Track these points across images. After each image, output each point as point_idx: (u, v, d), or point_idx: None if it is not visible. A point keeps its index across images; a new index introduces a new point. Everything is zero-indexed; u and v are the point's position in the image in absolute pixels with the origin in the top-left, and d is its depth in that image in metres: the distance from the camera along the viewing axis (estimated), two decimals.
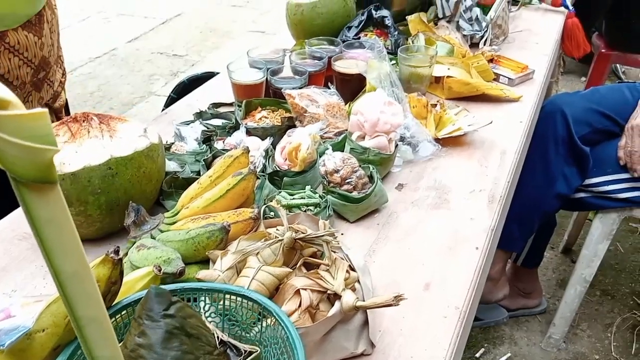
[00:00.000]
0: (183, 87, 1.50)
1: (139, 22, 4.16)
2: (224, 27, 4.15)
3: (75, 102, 3.01)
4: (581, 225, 1.90)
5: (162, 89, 3.22)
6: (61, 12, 3.92)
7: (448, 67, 1.21)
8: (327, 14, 1.33)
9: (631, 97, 1.35)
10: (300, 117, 1.00)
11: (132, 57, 3.61)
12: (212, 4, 4.60)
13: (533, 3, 1.68)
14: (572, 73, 3.21)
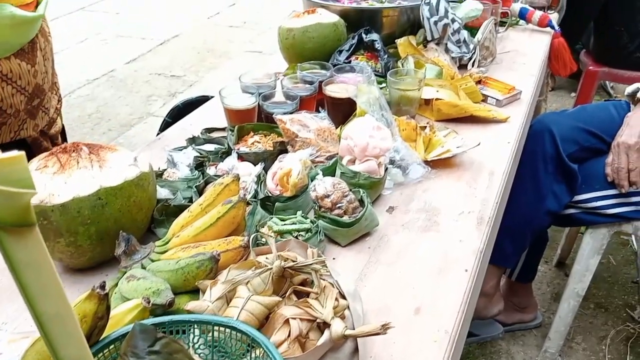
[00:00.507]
0: (178, 111, 1.52)
1: (136, 44, 4.21)
2: (221, 47, 4.21)
3: (73, 124, 3.03)
4: (573, 239, 1.92)
5: (160, 109, 3.25)
6: (59, 35, 3.99)
7: (437, 90, 1.23)
8: (318, 38, 1.36)
9: (617, 114, 1.38)
10: (292, 141, 1.01)
11: (130, 78, 3.65)
12: (209, 25, 4.66)
13: (520, 24, 1.72)
14: (562, 89, 3.25)
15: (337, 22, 1.38)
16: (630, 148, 1.29)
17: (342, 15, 1.42)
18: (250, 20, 4.73)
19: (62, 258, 0.72)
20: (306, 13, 1.41)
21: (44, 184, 0.68)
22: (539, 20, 1.66)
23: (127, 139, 2.92)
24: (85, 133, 2.95)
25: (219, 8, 5.03)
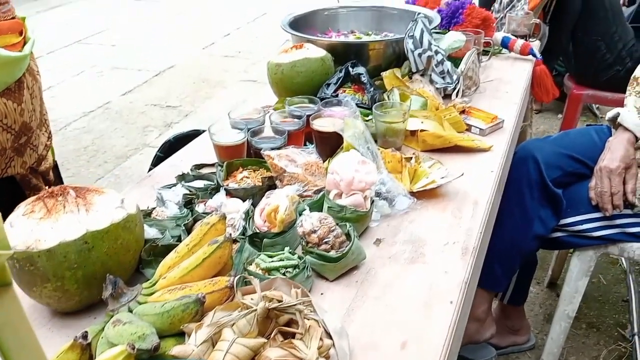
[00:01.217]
0: (169, 146, 1.54)
1: (132, 75, 4.28)
2: (216, 77, 4.27)
3: (69, 157, 3.06)
4: (563, 259, 1.95)
5: (155, 140, 3.28)
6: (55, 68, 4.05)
7: (422, 121, 1.26)
8: (306, 73, 1.40)
9: (598, 139, 1.42)
10: (280, 176, 1.04)
11: (126, 109, 3.69)
12: (204, 55, 4.74)
13: (503, 52, 1.76)
14: (549, 111, 3.31)
15: (324, 57, 1.42)
16: (612, 172, 1.32)
17: (330, 49, 1.46)
18: (244, 49, 4.82)
19: (49, 302, 0.74)
20: (294, 48, 1.45)
21: (30, 230, 0.70)
22: (521, 48, 1.71)
23: (123, 171, 2.95)
24: (81, 166, 2.98)
25: (214, 38, 5.13)
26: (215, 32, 5.29)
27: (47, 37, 5.07)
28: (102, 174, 2.91)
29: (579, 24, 2.15)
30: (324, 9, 1.79)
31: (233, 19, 5.66)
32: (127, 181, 2.83)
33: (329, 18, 1.80)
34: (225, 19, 5.70)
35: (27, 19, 1.31)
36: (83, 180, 2.84)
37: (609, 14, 2.11)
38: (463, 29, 1.70)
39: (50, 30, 5.34)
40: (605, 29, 2.12)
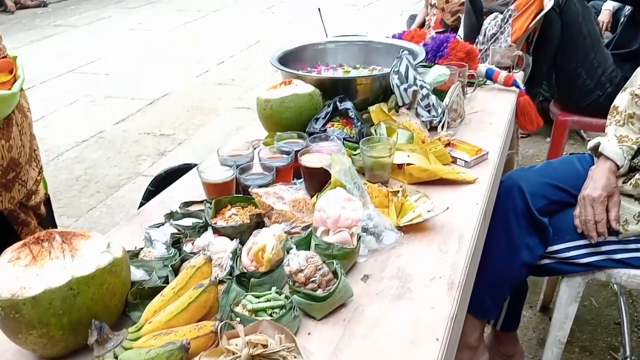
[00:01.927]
0: (160, 180, 1.56)
1: (126, 104, 4.31)
2: (210, 104, 4.32)
3: (61, 188, 3.07)
4: (555, 283, 1.97)
5: (149, 169, 3.30)
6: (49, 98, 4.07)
7: (408, 154, 1.28)
8: (295, 108, 1.42)
9: (581, 168, 1.46)
10: (269, 214, 1.05)
11: (119, 138, 3.71)
12: (198, 83, 4.79)
13: (487, 83, 1.81)
14: (538, 134, 3.36)
15: (312, 92, 1.45)
16: (595, 200, 1.35)
17: (318, 84, 1.50)
18: (238, 77, 4.88)
19: (35, 349, 0.74)
20: (283, 84, 1.48)
21: (16, 277, 0.71)
22: (505, 80, 1.75)
23: (115, 200, 2.95)
24: (73, 196, 2.98)
25: (208, 66, 5.19)
26: (209, 60, 5.36)
27: (41, 66, 5.12)
28: (94, 204, 2.91)
29: (559, 51, 2.21)
30: (313, 44, 1.84)
31: (227, 47, 5.74)
32: (119, 211, 2.83)
33: (318, 52, 1.84)
34: (219, 47, 5.78)
35: (18, 58, 1.33)
36: (74, 211, 2.85)
37: (587, 41, 2.17)
38: (448, 62, 1.74)
39: (44, 60, 5.39)
40: (584, 56, 2.18)
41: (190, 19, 7.00)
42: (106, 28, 6.59)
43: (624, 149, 1.43)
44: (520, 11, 2.09)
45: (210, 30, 6.46)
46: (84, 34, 6.30)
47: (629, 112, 1.50)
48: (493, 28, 2.08)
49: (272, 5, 7.64)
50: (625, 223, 1.38)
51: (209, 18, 7.04)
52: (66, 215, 2.82)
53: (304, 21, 6.32)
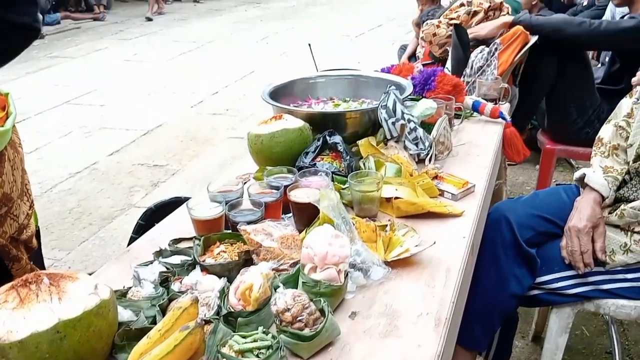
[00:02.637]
0: (151, 214, 1.57)
1: (120, 135, 4.34)
2: (204, 135, 4.35)
3: (53, 220, 3.06)
4: (546, 313, 1.96)
5: (142, 200, 3.30)
6: (43, 130, 4.08)
7: (396, 188, 1.30)
8: (285, 142, 1.45)
9: (567, 199, 1.48)
10: (257, 250, 1.06)
11: (113, 170, 3.72)
12: (192, 113, 4.84)
13: (474, 116, 1.84)
14: (528, 162, 3.39)
15: (302, 127, 1.47)
16: (580, 231, 1.37)
17: (308, 119, 1.52)
18: (232, 107, 4.93)
19: None
20: (274, 119, 1.51)
21: (2, 321, 0.71)
22: (491, 112, 1.79)
23: (107, 232, 2.95)
24: (66, 229, 2.97)
25: (202, 97, 5.25)
26: (203, 90, 5.42)
27: (37, 98, 5.16)
28: (86, 237, 2.90)
29: (554, 90, 2.26)
30: (304, 78, 1.88)
31: (221, 77, 5.82)
32: (112, 243, 2.82)
33: (309, 86, 1.87)
34: (214, 77, 5.86)
35: (10, 94, 1.35)
36: (67, 244, 2.83)
37: (584, 84, 2.24)
38: (435, 94, 1.78)
39: (39, 91, 5.44)
40: (578, 97, 2.25)
41: (185, 50, 7.10)
42: (102, 59, 6.67)
43: (609, 180, 1.45)
44: (506, 45, 2.15)
45: (205, 61, 6.55)
46: (80, 66, 6.37)
47: (614, 143, 1.53)
48: (480, 61, 2.13)
49: (266, 37, 7.78)
50: (612, 253, 1.39)
51: (203, 49, 7.15)
52: (58, 249, 2.81)
53: (298, 52, 6.43)
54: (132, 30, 8.39)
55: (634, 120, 1.50)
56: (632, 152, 1.47)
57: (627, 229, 1.40)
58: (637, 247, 1.38)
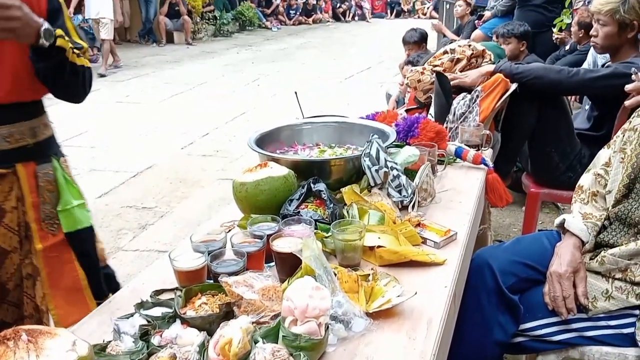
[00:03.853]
0: None
1: (109, 177, 4.34)
2: (193, 176, 4.36)
3: None
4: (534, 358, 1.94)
5: (129, 243, 3.28)
6: None
7: (379, 236, 1.32)
8: (269, 190, 1.46)
9: (549, 245, 1.51)
10: (238, 303, 1.06)
11: (101, 212, 3.70)
12: (182, 155, 4.87)
13: (457, 161, 1.88)
14: (514, 204, 3.42)
15: (287, 175, 1.50)
16: (562, 277, 1.39)
17: (293, 166, 1.55)
18: (222, 149, 4.97)
19: None
20: (259, 167, 1.53)
21: None
22: (473, 158, 1.83)
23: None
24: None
25: (193, 138, 5.30)
26: (194, 132, 5.48)
27: None
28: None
29: (535, 135, 2.33)
30: (290, 125, 1.91)
31: (212, 119, 5.89)
32: None
33: (294, 133, 1.91)
34: (205, 119, 5.93)
35: None
36: None
37: (562, 129, 2.30)
38: (419, 141, 1.82)
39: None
40: (558, 142, 2.31)
41: (177, 91, 7.21)
42: (94, 101, 6.72)
43: (589, 225, 1.48)
44: (487, 92, 2.21)
45: (197, 103, 6.64)
46: (71, 107, 6.32)
47: (593, 190, 1.57)
48: (462, 107, 2.19)
49: (257, 78, 7.93)
50: (594, 300, 1.40)
51: (195, 91, 7.26)
52: None
53: (288, 93, 6.54)
54: (125, 72, 8.52)
55: (611, 169, 1.54)
56: (611, 198, 1.51)
57: (608, 276, 1.42)
58: (618, 293, 1.39)
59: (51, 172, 1.54)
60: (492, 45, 3.15)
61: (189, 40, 10.97)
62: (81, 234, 1.59)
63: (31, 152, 1.51)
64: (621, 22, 2.14)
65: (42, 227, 1.52)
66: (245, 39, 12.07)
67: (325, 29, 13.98)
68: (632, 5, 2.12)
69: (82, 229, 1.59)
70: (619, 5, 2.13)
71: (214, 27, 12.09)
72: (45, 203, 1.53)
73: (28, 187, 1.50)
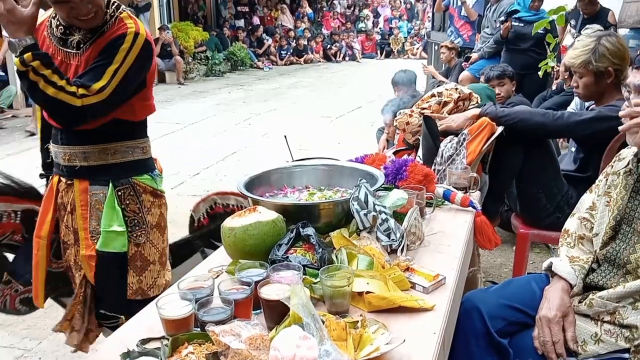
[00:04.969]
0: None
1: None
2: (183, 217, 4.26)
3: None
4: None
5: None
6: None
7: (367, 282, 1.31)
8: (258, 235, 1.47)
9: (538, 288, 1.51)
10: (225, 352, 1.05)
11: None
12: (172, 196, 4.83)
13: (445, 204, 1.90)
14: (505, 243, 3.45)
15: (276, 219, 1.50)
16: (551, 321, 1.39)
17: (282, 211, 1.56)
18: (212, 188, 4.94)
19: None
20: (247, 211, 1.54)
21: None
22: (461, 201, 1.85)
23: None
24: (37, 317, 2.86)
25: (183, 178, 5.30)
26: (184, 171, 5.48)
27: None
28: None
29: (522, 176, 2.36)
30: (279, 168, 1.93)
31: (203, 158, 5.90)
32: None
33: (284, 176, 1.93)
34: (195, 158, 5.94)
35: None
36: (38, 333, 2.73)
37: (549, 171, 2.34)
38: (407, 184, 1.84)
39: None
40: (545, 183, 2.34)
41: (168, 131, 7.25)
42: None
43: (576, 269, 1.49)
44: (474, 135, 2.26)
45: (188, 142, 6.67)
46: None
47: (579, 233, 1.59)
48: (449, 150, 2.23)
49: (248, 118, 8.02)
50: (584, 344, 1.40)
51: (186, 130, 7.31)
52: (29, 338, 2.72)
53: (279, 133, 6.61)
54: None
55: (596, 212, 1.56)
56: (599, 240, 1.53)
57: (597, 319, 1.42)
58: (607, 336, 1.39)
59: (102, 194, 1.79)
60: (481, 86, 3.22)
61: (180, 80, 11.11)
62: (110, 256, 1.79)
63: (82, 173, 1.79)
64: (596, 72, 2.20)
65: (88, 237, 1.80)
66: (237, 79, 12.25)
67: (317, 68, 14.25)
68: (602, 53, 2.17)
69: (113, 252, 1.79)
70: (590, 56, 2.18)
71: (206, 67, 12.28)
72: (92, 218, 1.80)
73: (79, 201, 1.79)
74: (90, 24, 1.68)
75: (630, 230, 1.44)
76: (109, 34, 1.68)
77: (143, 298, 1.86)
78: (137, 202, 1.85)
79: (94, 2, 1.62)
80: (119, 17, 1.71)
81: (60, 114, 1.66)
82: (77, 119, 1.66)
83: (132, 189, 1.84)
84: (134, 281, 1.86)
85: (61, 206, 1.86)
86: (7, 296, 2.18)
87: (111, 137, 1.79)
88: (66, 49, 1.72)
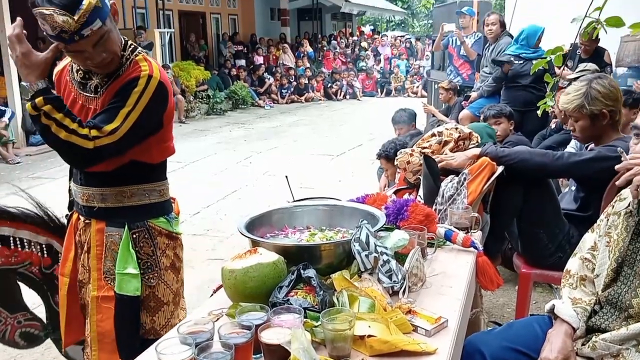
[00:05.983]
0: None
1: None
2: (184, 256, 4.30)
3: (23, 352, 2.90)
4: None
5: None
6: None
7: (369, 325, 1.30)
8: (259, 277, 1.46)
9: (540, 331, 1.50)
10: None
11: None
12: None
13: (447, 244, 1.89)
14: (507, 283, 3.41)
15: (276, 261, 1.50)
16: None
17: (283, 252, 1.55)
18: (213, 227, 4.96)
19: None
20: (248, 253, 1.53)
21: None
22: (463, 241, 1.84)
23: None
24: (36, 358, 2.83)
25: (183, 217, 5.05)
26: (185, 210, 5.43)
27: None
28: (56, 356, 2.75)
29: (523, 215, 2.36)
30: (280, 209, 1.94)
31: (203, 197, 5.91)
32: None
33: (285, 216, 1.93)
34: (196, 197, 5.95)
35: None
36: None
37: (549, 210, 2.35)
38: (408, 224, 1.84)
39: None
40: (545, 223, 2.34)
41: (169, 169, 7.24)
42: None
43: (579, 311, 1.48)
44: (474, 175, 2.27)
45: (189, 181, 6.69)
46: (61, 186, 6.38)
47: (581, 274, 1.58)
48: (450, 190, 2.23)
49: (249, 156, 8.08)
50: None
51: (187, 168, 7.35)
52: None
53: (280, 171, 6.65)
54: None
55: (598, 252, 1.56)
56: (600, 282, 1.52)
57: None
58: None
59: (118, 235, 1.78)
60: (481, 125, 3.26)
61: (182, 119, 11.24)
62: (126, 299, 1.78)
63: (99, 214, 1.79)
64: (591, 115, 2.23)
65: (102, 278, 1.79)
66: (238, 117, 12.41)
67: (317, 107, 14.44)
68: (595, 97, 2.21)
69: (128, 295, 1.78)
70: (583, 100, 2.22)
71: (207, 106, 12.46)
72: (107, 259, 1.79)
73: (95, 240, 1.79)
74: (107, 70, 1.71)
75: (632, 272, 1.43)
76: (123, 77, 1.71)
77: (156, 338, 1.81)
78: (152, 245, 1.84)
79: (108, 50, 1.64)
80: (134, 60, 1.73)
81: (72, 157, 1.68)
82: (89, 161, 1.68)
83: (147, 232, 1.83)
84: (147, 321, 1.86)
85: (79, 244, 1.87)
86: (9, 326, 2.18)
87: (129, 179, 1.80)
88: (86, 94, 1.76)
